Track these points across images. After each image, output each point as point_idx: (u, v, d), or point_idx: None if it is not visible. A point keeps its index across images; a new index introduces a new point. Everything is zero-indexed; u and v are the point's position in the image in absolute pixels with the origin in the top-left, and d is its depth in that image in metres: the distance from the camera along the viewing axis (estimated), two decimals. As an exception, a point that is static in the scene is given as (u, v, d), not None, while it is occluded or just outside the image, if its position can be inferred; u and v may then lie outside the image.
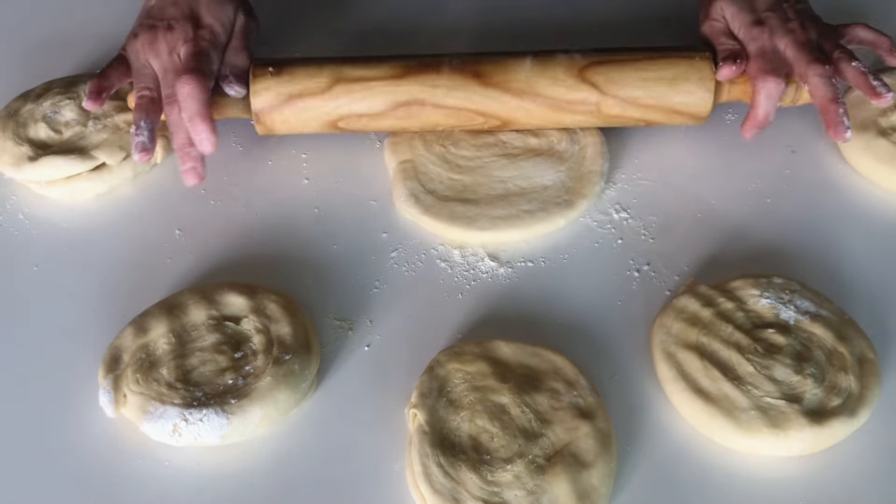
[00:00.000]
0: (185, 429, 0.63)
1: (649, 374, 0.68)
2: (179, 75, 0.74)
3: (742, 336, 0.67)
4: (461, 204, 0.77)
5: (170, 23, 0.77)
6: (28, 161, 0.80)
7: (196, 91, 0.73)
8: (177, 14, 0.77)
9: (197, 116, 0.72)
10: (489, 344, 0.68)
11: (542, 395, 0.64)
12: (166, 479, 0.64)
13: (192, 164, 0.74)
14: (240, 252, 0.77)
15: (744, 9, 0.78)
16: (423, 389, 0.65)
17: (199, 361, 0.67)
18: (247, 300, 0.70)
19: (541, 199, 0.77)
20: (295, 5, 0.98)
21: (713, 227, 0.77)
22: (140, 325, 0.69)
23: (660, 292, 0.73)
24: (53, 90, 0.85)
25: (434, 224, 0.77)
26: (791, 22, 0.77)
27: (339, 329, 0.72)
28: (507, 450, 0.61)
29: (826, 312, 0.68)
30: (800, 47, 0.75)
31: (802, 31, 0.76)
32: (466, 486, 0.60)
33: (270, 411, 0.65)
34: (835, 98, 0.73)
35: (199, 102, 0.73)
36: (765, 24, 0.77)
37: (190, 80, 0.73)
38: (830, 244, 0.75)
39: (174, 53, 0.76)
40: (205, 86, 0.73)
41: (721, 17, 0.80)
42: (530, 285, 0.74)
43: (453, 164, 0.80)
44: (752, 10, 0.78)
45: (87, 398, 0.67)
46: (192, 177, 0.74)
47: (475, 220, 0.76)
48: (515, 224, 0.76)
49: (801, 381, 0.64)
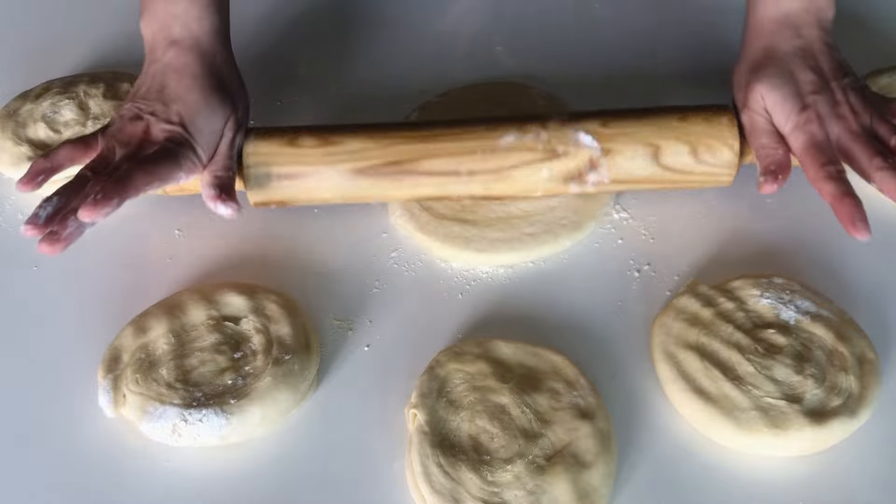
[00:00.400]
0: (184, 429, 0.63)
1: (649, 374, 0.68)
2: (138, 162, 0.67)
3: (742, 336, 0.66)
4: (458, 224, 0.76)
5: (151, 120, 0.70)
6: (27, 161, 0.80)
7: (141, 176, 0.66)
8: (161, 112, 0.70)
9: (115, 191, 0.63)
10: (489, 344, 0.68)
11: (542, 396, 0.64)
12: (166, 479, 0.64)
13: (59, 234, 0.64)
14: (240, 252, 0.77)
15: (787, 96, 0.69)
16: (423, 389, 0.65)
17: (198, 361, 0.67)
18: (246, 300, 0.70)
19: (546, 221, 0.76)
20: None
21: (713, 227, 0.77)
22: (140, 325, 0.69)
23: (660, 292, 0.73)
24: (52, 90, 0.85)
25: (428, 242, 0.76)
26: (841, 106, 0.69)
27: (339, 329, 0.72)
28: (507, 450, 0.61)
29: (826, 312, 0.68)
30: (855, 138, 0.67)
31: (854, 116, 0.68)
32: (466, 487, 0.60)
33: (270, 411, 0.65)
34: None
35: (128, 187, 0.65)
36: (812, 109, 0.69)
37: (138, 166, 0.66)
38: (830, 244, 0.75)
39: (143, 148, 0.69)
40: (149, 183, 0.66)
41: (762, 108, 0.71)
42: (530, 285, 0.74)
43: None
44: (796, 94, 0.69)
45: (87, 398, 0.67)
46: (49, 244, 0.64)
47: (472, 242, 0.75)
48: (516, 247, 0.75)
49: (801, 382, 0.64)
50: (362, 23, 0.97)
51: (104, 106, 0.83)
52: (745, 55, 0.74)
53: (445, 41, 0.95)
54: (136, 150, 0.68)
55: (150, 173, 0.66)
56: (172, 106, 0.70)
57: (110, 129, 0.70)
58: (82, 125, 0.82)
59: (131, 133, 0.70)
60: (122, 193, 0.64)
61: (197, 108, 0.71)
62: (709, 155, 0.72)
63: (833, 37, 0.73)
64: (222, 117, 0.72)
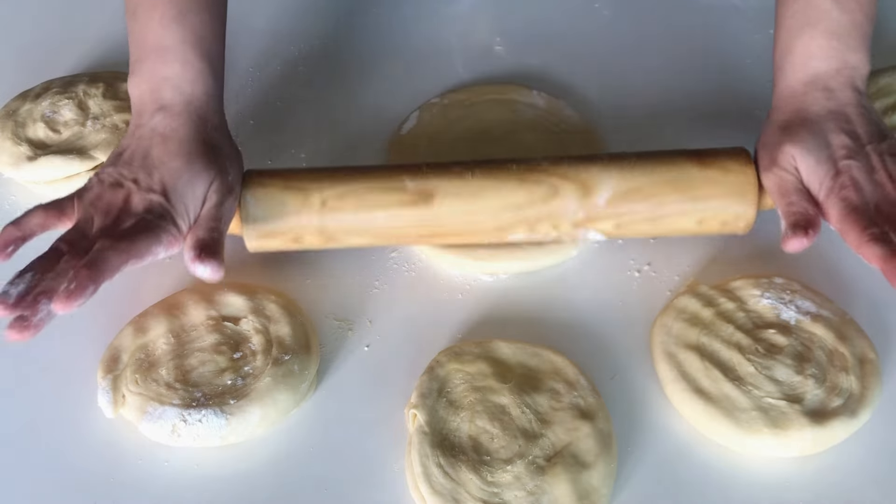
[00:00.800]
0: (184, 429, 0.63)
1: (650, 375, 0.68)
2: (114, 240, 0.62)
3: (743, 336, 0.66)
4: None
5: (132, 188, 0.65)
6: (27, 161, 0.79)
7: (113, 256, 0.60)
8: (142, 180, 0.66)
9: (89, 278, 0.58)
10: (489, 344, 0.67)
11: (543, 396, 0.64)
12: (165, 479, 0.64)
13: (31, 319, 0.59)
14: (240, 252, 0.77)
15: (821, 160, 0.65)
16: (423, 390, 0.65)
17: (198, 362, 0.67)
18: (246, 300, 0.70)
19: None
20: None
21: (713, 226, 0.77)
22: (139, 326, 0.69)
23: (660, 292, 0.73)
24: (52, 90, 0.85)
25: (427, 250, 0.75)
26: (878, 172, 0.64)
27: (339, 329, 0.72)
28: (508, 450, 0.61)
29: (827, 312, 0.68)
30: (894, 206, 0.63)
31: (893, 183, 0.64)
32: (466, 487, 0.60)
33: (270, 412, 0.65)
34: None
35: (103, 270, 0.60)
36: (846, 174, 0.64)
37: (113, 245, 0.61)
38: (831, 244, 0.75)
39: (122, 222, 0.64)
40: (124, 261, 0.61)
41: (793, 168, 0.66)
42: (530, 285, 0.74)
43: None
44: (830, 159, 0.65)
45: (86, 398, 0.67)
46: (18, 331, 0.58)
47: (471, 250, 0.74)
48: (518, 256, 0.74)
49: (801, 382, 0.64)
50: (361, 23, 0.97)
51: (104, 106, 0.83)
52: (774, 118, 0.70)
53: (445, 41, 0.95)
54: (114, 223, 0.64)
55: (125, 252, 0.61)
56: (155, 174, 0.66)
57: (88, 195, 0.65)
58: (81, 125, 0.82)
59: (110, 202, 0.65)
60: (97, 279, 0.59)
61: (179, 173, 0.66)
62: (718, 226, 0.69)
63: (868, 99, 0.69)
64: (206, 181, 0.67)
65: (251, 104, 0.89)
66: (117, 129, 0.81)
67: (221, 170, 0.68)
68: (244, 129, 0.87)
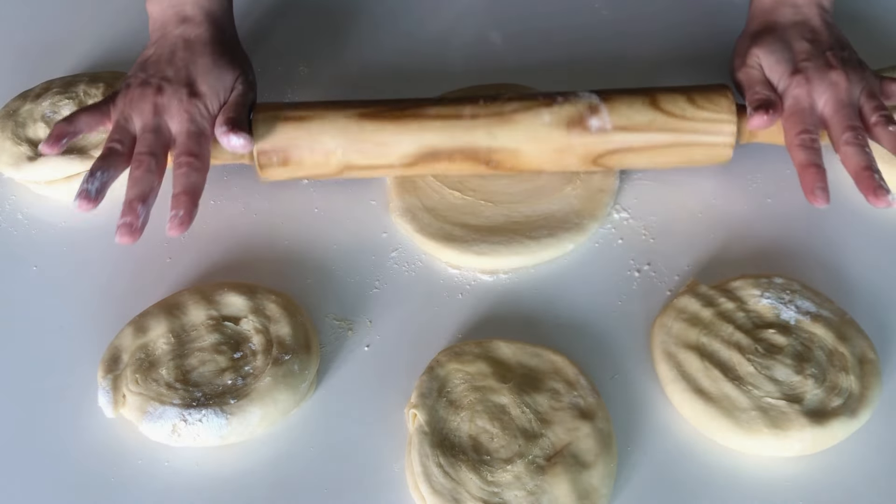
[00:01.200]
0: (184, 429, 0.63)
1: (649, 375, 0.68)
2: (177, 155, 0.71)
3: (743, 336, 0.66)
4: (460, 227, 0.75)
5: (161, 83, 0.73)
6: (27, 161, 0.79)
7: (192, 172, 0.70)
8: (171, 75, 0.74)
9: (184, 194, 0.69)
10: (489, 344, 0.68)
11: (543, 396, 0.64)
12: (165, 479, 0.64)
13: (131, 220, 0.68)
14: (240, 252, 0.77)
15: (781, 60, 0.74)
16: (422, 390, 0.65)
17: (198, 362, 0.67)
18: (246, 300, 0.70)
19: (548, 226, 0.75)
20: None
21: (713, 227, 0.77)
22: (139, 325, 0.69)
23: (660, 292, 0.73)
24: (52, 90, 0.85)
25: (428, 243, 0.75)
26: (834, 71, 0.72)
27: (339, 329, 0.72)
28: (508, 450, 0.61)
29: (827, 312, 0.68)
30: (838, 108, 0.71)
31: (844, 85, 0.71)
32: (466, 487, 0.60)
33: (270, 411, 0.65)
34: (868, 166, 0.68)
35: (192, 183, 0.69)
36: (802, 74, 0.72)
37: (188, 161, 0.70)
38: (831, 244, 0.75)
39: (159, 117, 0.72)
40: (203, 168, 0.71)
41: (758, 65, 0.75)
42: (530, 285, 0.74)
43: (455, 180, 0.79)
44: (790, 59, 0.74)
45: (86, 398, 0.67)
46: (126, 233, 0.67)
47: (472, 245, 0.74)
48: (518, 251, 0.74)
49: (801, 382, 0.64)
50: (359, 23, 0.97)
51: (104, 106, 0.83)
52: (746, 30, 0.79)
53: (444, 41, 0.95)
54: (153, 118, 0.72)
55: (201, 170, 0.71)
56: (182, 71, 0.74)
57: (121, 98, 0.73)
58: (82, 125, 0.82)
59: (143, 100, 0.72)
60: (196, 201, 0.69)
61: (207, 68, 0.74)
62: (706, 101, 0.74)
63: (833, 17, 0.76)
64: (233, 74, 0.75)
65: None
66: (117, 129, 0.81)
67: (244, 68, 0.78)
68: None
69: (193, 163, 0.70)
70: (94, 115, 0.74)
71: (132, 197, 0.68)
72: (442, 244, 0.75)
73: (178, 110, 0.72)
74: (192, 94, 0.73)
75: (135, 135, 0.72)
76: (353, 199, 0.80)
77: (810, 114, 0.71)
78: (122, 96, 0.74)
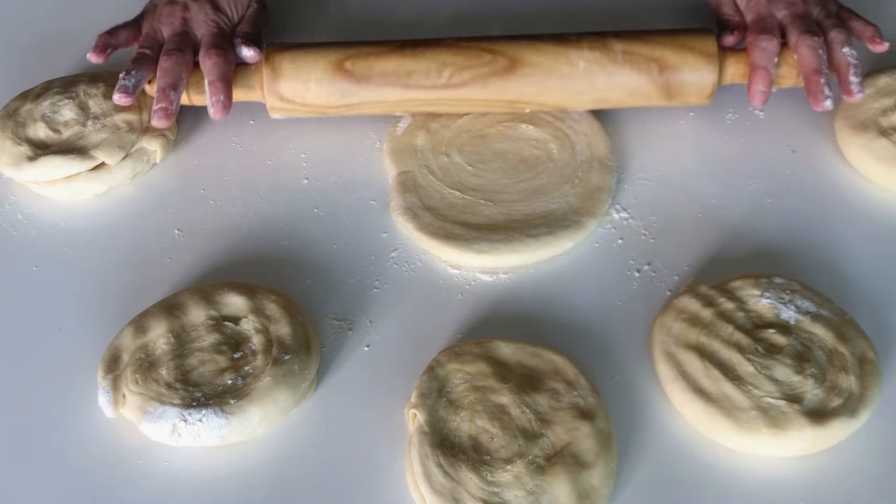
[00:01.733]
0: (184, 429, 0.63)
1: (649, 374, 0.68)
2: (207, 50, 0.79)
3: (742, 336, 0.66)
4: (459, 226, 0.75)
5: (187, 2, 0.83)
6: (27, 161, 0.79)
7: (222, 62, 0.79)
8: None
9: (220, 81, 0.78)
10: (489, 344, 0.68)
11: (542, 396, 0.64)
12: (166, 479, 0.64)
13: (165, 105, 0.78)
14: (240, 252, 0.77)
15: None
16: (422, 390, 0.65)
17: (198, 362, 0.67)
18: (246, 300, 0.70)
19: (547, 223, 0.75)
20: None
21: (713, 227, 0.77)
22: (139, 325, 0.69)
23: (660, 292, 0.73)
24: (52, 90, 0.85)
25: (429, 242, 0.75)
26: None
27: (339, 329, 0.72)
28: (507, 450, 0.61)
29: (827, 312, 0.68)
30: (796, 18, 0.78)
31: (803, 4, 0.79)
32: (466, 487, 0.60)
33: (270, 411, 0.65)
34: (818, 69, 0.75)
35: (223, 71, 0.79)
36: None
37: (217, 53, 0.79)
38: (831, 244, 0.75)
39: (186, 27, 0.81)
40: (231, 60, 0.80)
41: None
42: (530, 285, 0.74)
43: (456, 180, 0.79)
44: None
45: (87, 398, 0.67)
46: (163, 116, 0.78)
47: (472, 243, 0.74)
48: (517, 249, 0.74)
49: (801, 382, 0.64)
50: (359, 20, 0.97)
51: (104, 106, 0.83)
52: None
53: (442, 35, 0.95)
54: (182, 27, 0.82)
55: (230, 62, 0.80)
56: None
57: (149, 15, 0.84)
58: (82, 125, 0.82)
59: (171, 14, 0.82)
60: (230, 87, 0.79)
61: None
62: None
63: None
64: None
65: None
66: (118, 128, 0.81)
67: None
68: (245, 129, 0.87)
69: (222, 54, 0.79)
70: (132, 30, 0.83)
71: (164, 85, 0.78)
72: (442, 242, 0.75)
73: (204, 20, 0.82)
74: (215, 7, 0.83)
75: (163, 43, 0.81)
76: (354, 199, 0.80)
77: (770, 21, 0.79)
78: (150, 14, 0.84)
